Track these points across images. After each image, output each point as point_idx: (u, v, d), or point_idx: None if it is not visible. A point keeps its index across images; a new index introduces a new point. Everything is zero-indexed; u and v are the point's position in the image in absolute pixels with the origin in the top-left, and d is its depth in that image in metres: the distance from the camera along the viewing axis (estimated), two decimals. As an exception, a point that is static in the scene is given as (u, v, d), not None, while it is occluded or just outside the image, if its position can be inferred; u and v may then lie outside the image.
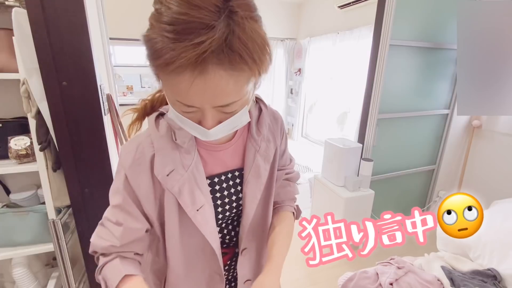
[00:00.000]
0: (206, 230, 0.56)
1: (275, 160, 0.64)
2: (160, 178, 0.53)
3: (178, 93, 0.42)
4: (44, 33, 0.88)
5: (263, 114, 0.63)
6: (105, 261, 0.54)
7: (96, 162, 1.05)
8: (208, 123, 0.45)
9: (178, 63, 0.36)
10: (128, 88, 4.04)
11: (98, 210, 1.10)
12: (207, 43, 0.35)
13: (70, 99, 0.96)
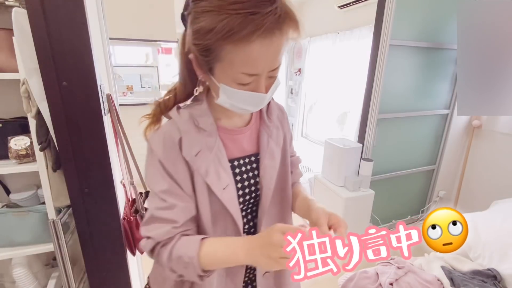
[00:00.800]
0: (232, 208, 0.60)
1: (285, 146, 0.71)
2: (189, 159, 0.57)
3: (246, 63, 0.49)
4: (44, 33, 0.88)
5: (271, 104, 0.71)
6: (171, 246, 0.56)
7: (96, 162, 1.05)
8: (263, 89, 0.53)
9: (260, 30, 0.45)
10: (128, 88, 4.04)
11: (98, 210, 1.11)
12: (276, 10, 0.45)
13: (70, 99, 0.96)
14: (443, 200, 2.68)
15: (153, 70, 4.34)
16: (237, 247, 0.53)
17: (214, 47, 0.48)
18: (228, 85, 0.52)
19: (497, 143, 2.29)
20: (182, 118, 0.59)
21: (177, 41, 3.71)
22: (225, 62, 0.50)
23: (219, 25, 0.44)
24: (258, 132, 0.68)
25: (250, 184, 0.66)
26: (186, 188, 0.58)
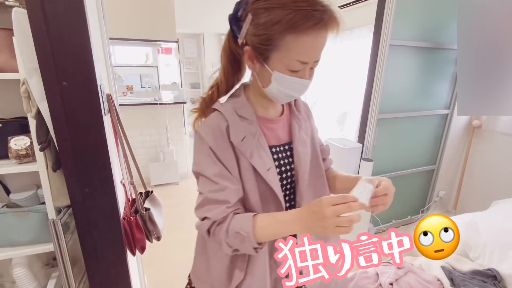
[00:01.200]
0: (276, 188, 0.66)
1: (313, 136, 0.80)
2: (236, 144, 0.64)
3: (300, 52, 0.58)
4: (44, 33, 0.88)
5: (298, 100, 0.80)
6: (227, 224, 0.62)
7: (96, 162, 1.05)
8: (308, 76, 0.63)
9: (319, 24, 0.55)
10: (128, 88, 4.04)
11: (98, 210, 1.11)
12: (326, 9, 0.56)
13: (70, 99, 0.96)
14: (443, 200, 2.69)
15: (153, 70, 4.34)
16: (290, 220, 0.58)
17: (276, 37, 0.57)
18: (280, 72, 0.60)
19: (497, 143, 2.29)
20: (227, 109, 0.67)
21: (177, 41, 3.71)
22: (283, 51, 0.58)
23: (285, 18, 0.54)
24: (289, 123, 0.76)
25: (287, 169, 0.72)
26: (233, 172, 0.65)
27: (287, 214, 0.60)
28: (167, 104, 3.36)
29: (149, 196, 1.41)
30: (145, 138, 3.47)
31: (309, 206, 0.56)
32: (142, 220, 1.28)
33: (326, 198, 0.51)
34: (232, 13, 0.64)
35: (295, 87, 0.63)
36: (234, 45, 0.66)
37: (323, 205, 0.50)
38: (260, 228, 0.59)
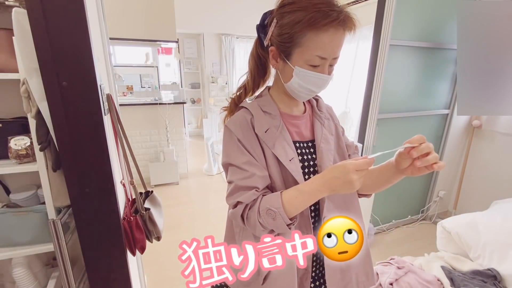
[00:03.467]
0: (299, 178, 0.70)
1: (338, 134, 0.83)
2: (260, 135, 0.70)
3: (320, 47, 0.63)
4: (44, 33, 0.88)
5: (321, 100, 0.85)
6: (258, 205, 0.66)
7: (96, 162, 1.05)
8: (328, 71, 0.68)
9: (336, 21, 0.61)
10: (128, 88, 4.04)
11: (98, 210, 1.11)
12: (343, 11, 0.64)
13: (70, 99, 0.96)
14: (443, 200, 2.69)
15: (153, 70, 4.34)
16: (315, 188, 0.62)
17: (297, 35, 0.63)
18: (301, 67, 0.66)
19: (497, 143, 2.29)
20: (252, 105, 0.75)
21: (177, 41, 3.71)
22: (304, 47, 0.64)
23: (306, 17, 0.61)
24: (312, 121, 0.81)
25: (310, 165, 0.75)
26: (260, 161, 0.71)
27: (311, 184, 0.64)
28: (167, 104, 3.36)
29: (149, 196, 1.41)
30: (145, 138, 3.47)
31: (331, 172, 0.60)
32: (142, 220, 1.28)
33: (350, 164, 0.57)
34: (259, 23, 0.73)
35: (315, 82, 0.68)
36: (261, 50, 0.76)
37: (347, 171, 0.56)
38: (288, 202, 0.63)
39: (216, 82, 5.58)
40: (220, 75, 5.65)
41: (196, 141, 5.90)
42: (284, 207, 0.63)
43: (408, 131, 2.30)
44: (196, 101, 6.04)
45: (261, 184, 0.69)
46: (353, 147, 0.88)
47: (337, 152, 0.80)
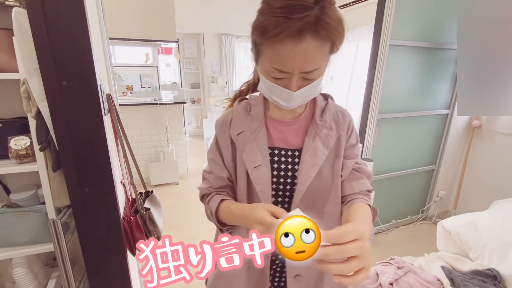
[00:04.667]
0: (260, 187, 0.66)
1: (338, 149, 0.70)
2: (233, 137, 0.69)
3: (277, 60, 0.54)
4: (44, 33, 0.88)
5: (329, 105, 0.72)
6: (209, 197, 0.72)
7: (96, 162, 1.05)
8: (293, 87, 0.57)
9: (285, 33, 0.49)
10: (128, 88, 4.04)
11: (98, 210, 1.11)
12: (308, 17, 0.49)
13: (70, 99, 0.96)
14: (443, 200, 2.69)
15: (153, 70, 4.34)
16: (240, 214, 0.61)
17: (259, 42, 0.57)
18: (265, 77, 0.60)
19: (497, 143, 2.29)
20: (239, 105, 0.73)
21: (177, 41, 3.71)
22: (264, 56, 0.57)
23: (260, 25, 0.53)
24: (307, 129, 0.70)
25: (287, 176, 0.68)
26: (227, 161, 0.71)
27: (239, 210, 0.63)
28: (167, 104, 3.36)
29: (149, 196, 1.41)
30: (145, 138, 3.47)
31: (248, 210, 0.56)
32: (142, 220, 1.28)
33: (259, 214, 0.50)
34: None
35: (280, 95, 0.59)
36: None
37: (253, 219, 0.52)
38: (222, 212, 0.68)
39: (216, 82, 5.58)
40: (220, 75, 5.66)
41: (196, 141, 5.90)
42: (218, 214, 0.68)
43: (408, 131, 2.30)
44: (196, 101, 6.04)
45: (215, 183, 0.72)
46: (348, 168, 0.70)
47: (325, 169, 0.68)
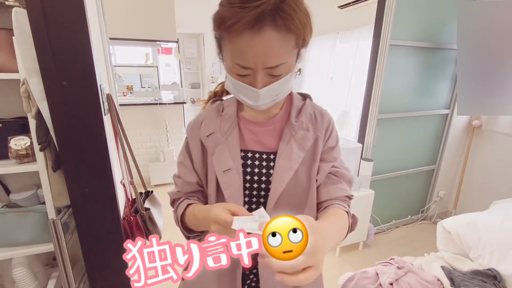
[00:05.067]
0: (229, 193, 0.61)
1: (314, 151, 0.65)
2: (202, 139, 0.65)
3: (238, 55, 0.51)
4: (44, 33, 0.88)
5: (306, 105, 0.68)
6: (178, 202, 0.68)
7: (96, 162, 1.05)
8: (258, 84, 0.53)
9: (241, 22, 0.46)
10: (128, 88, 4.04)
11: (98, 210, 1.11)
12: (264, 5, 0.46)
13: (70, 99, 0.96)
14: (443, 200, 2.68)
15: (153, 70, 4.34)
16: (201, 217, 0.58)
17: (219, 36, 0.54)
18: (229, 74, 0.56)
19: (497, 143, 2.29)
20: (212, 106, 0.69)
21: (177, 41, 3.71)
22: (226, 52, 0.54)
23: (217, 17, 0.51)
24: (282, 130, 0.66)
25: (261, 180, 0.64)
26: (196, 165, 0.67)
27: (201, 213, 0.59)
28: (167, 104, 3.36)
29: (149, 196, 1.41)
30: (145, 138, 3.47)
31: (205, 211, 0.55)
32: (142, 220, 1.28)
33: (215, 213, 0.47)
34: None
35: (246, 93, 0.55)
36: None
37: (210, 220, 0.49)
38: (188, 218, 0.64)
39: (216, 82, 5.57)
40: (220, 75, 5.65)
41: (196, 141, 5.88)
42: (184, 220, 0.65)
43: (408, 131, 2.30)
44: (196, 101, 6.04)
45: (184, 189, 0.68)
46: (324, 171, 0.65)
47: (301, 173, 0.63)
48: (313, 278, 0.37)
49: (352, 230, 0.64)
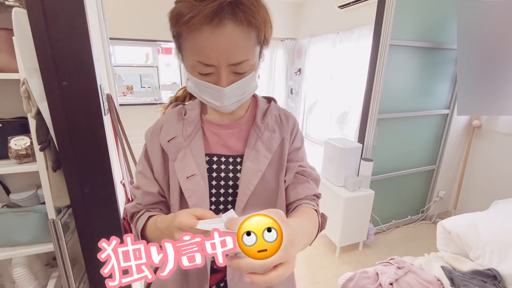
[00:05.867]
0: (193, 200, 0.57)
1: (281, 152, 0.64)
2: (162, 144, 0.61)
3: (198, 51, 0.49)
4: (44, 33, 0.88)
5: (271, 107, 0.67)
6: (138, 216, 0.62)
7: (96, 162, 1.05)
8: (223, 82, 0.51)
9: (199, 16, 0.45)
10: (128, 88, 4.04)
11: (98, 210, 1.11)
12: (219, 1, 0.45)
13: (70, 99, 0.96)
14: (443, 200, 2.68)
15: (153, 70, 4.34)
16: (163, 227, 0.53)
17: (177, 34, 0.51)
18: (191, 74, 0.53)
19: (497, 143, 2.29)
20: (172, 110, 0.66)
21: (177, 41, 3.72)
22: (185, 50, 0.52)
23: (174, 11, 0.49)
24: (248, 132, 0.64)
25: (228, 185, 0.62)
26: (157, 172, 0.63)
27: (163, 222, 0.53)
28: (167, 104, 3.36)
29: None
30: (145, 138, 3.48)
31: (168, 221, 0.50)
32: (142, 220, 1.28)
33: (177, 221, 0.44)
34: None
35: (210, 93, 0.53)
36: None
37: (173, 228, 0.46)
38: (149, 231, 0.59)
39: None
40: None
41: (196, 141, 5.89)
42: (145, 234, 0.59)
43: (408, 131, 2.30)
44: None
45: (144, 200, 0.63)
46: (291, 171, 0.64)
47: (269, 174, 0.62)
48: (285, 275, 0.35)
49: (322, 228, 0.63)
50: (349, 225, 2.08)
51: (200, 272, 0.61)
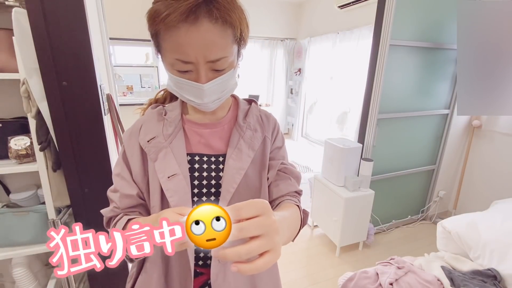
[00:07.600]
0: (175, 200, 0.56)
1: (263, 151, 0.65)
2: (142, 144, 0.60)
3: (176, 49, 0.49)
4: (44, 33, 0.88)
5: (252, 108, 0.68)
6: (115, 220, 0.60)
7: (96, 162, 1.05)
8: (202, 79, 0.52)
9: (176, 13, 0.46)
10: (128, 88, 4.04)
11: (98, 210, 1.11)
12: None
13: (70, 99, 0.96)
14: (443, 200, 2.69)
15: (153, 70, 4.34)
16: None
17: (154, 33, 0.52)
18: (170, 73, 0.54)
19: (497, 143, 2.29)
20: (152, 111, 0.65)
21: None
22: (164, 49, 0.52)
23: (151, 10, 0.49)
24: (230, 132, 0.65)
25: (210, 184, 0.62)
26: (136, 174, 0.61)
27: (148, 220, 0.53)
28: (167, 104, 3.37)
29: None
30: (145, 138, 3.48)
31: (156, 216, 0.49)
32: (142, 220, 1.28)
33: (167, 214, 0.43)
34: None
35: (190, 90, 0.54)
36: None
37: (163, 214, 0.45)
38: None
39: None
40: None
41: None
42: None
43: (408, 131, 2.30)
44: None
45: (122, 203, 0.61)
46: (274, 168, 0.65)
47: (251, 173, 0.63)
48: (271, 263, 0.35)
49: (304, 224, 0.63)
50: (349, 225, 2.08)
51: (184, 276, 0.61)
